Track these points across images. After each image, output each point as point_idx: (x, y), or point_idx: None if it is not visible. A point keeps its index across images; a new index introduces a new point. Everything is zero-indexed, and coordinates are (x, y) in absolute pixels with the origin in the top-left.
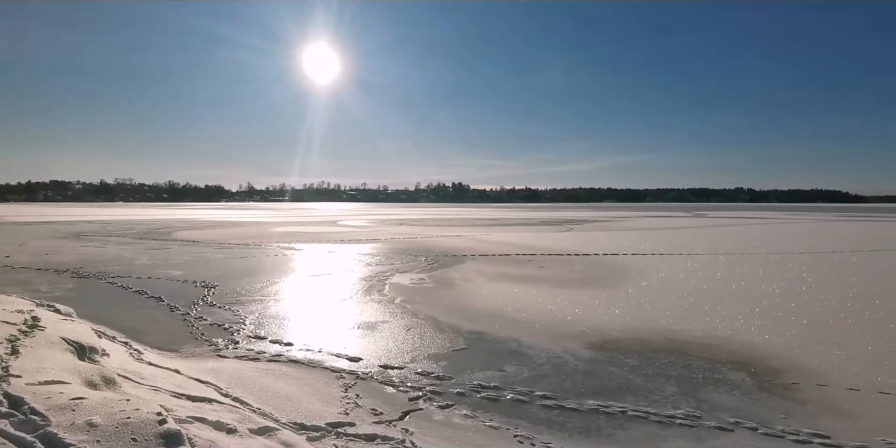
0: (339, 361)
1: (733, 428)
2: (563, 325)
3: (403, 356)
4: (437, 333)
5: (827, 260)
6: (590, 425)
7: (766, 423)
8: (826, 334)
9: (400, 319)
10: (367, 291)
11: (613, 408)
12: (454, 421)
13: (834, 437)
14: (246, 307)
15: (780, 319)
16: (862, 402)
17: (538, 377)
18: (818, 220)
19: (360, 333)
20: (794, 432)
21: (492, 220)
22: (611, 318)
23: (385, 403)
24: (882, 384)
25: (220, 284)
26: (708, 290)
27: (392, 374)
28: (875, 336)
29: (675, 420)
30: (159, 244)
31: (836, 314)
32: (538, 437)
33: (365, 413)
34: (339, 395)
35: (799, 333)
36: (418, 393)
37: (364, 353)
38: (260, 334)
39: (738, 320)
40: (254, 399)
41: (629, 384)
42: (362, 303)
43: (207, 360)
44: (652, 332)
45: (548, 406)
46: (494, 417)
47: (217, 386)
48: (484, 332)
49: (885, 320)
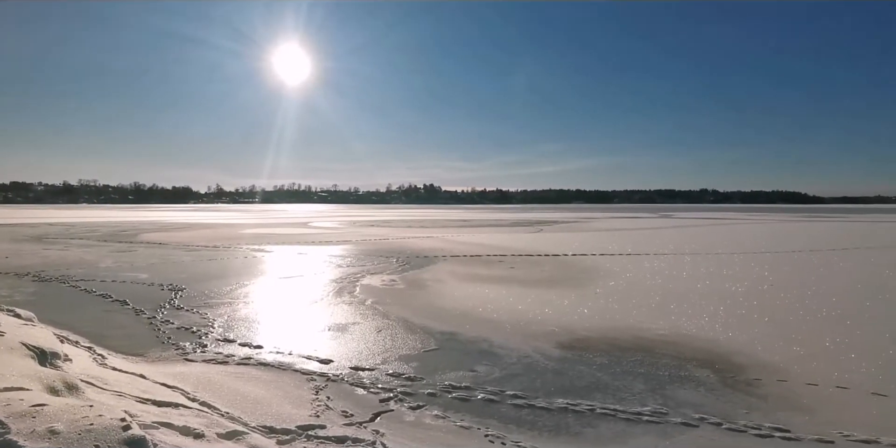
0: (310, 364)
1: (698, 423)
2: (534, 325)
3: (374, 357)
4: (409, 334)
5: (787, 259)
6: (559, 424)
7: (730, 419)
8: (786, 331)
9: (371, 321)
10: (338, 293)
11: (582, 406)
12: (425, 421)
13: (793, 431)
14: (214, 310)
15: (743, 317)
16: (820, 396)
17: (509, 377)
18: (779, 221)
19: (331, 335)
20: (756, 427)
21: (463, 221)
22: (580, 317)
23: (356, 405)
24: (838, 379)
25: (188, 287)
26: (674, 290)
27: (363, 376)
28: (832, 333)
29: (643, 417)
30: (124, 246)
31: (796, 312)
32: (509, 436)
33: (336, 415)
34: (309, 397)
35: (761, 331)
36: (389, 394)
37: (335, 354)
38: (229, 337)
39: (703, 318)
40: (222, 403)
41: (598, 382)
42: (333, 304)
43: (174, 364)
44: (620, 330)
45: (518, 405)
46: (465, 417)
47: (184, 390)
48: (455, 333)
49: (841, 317)
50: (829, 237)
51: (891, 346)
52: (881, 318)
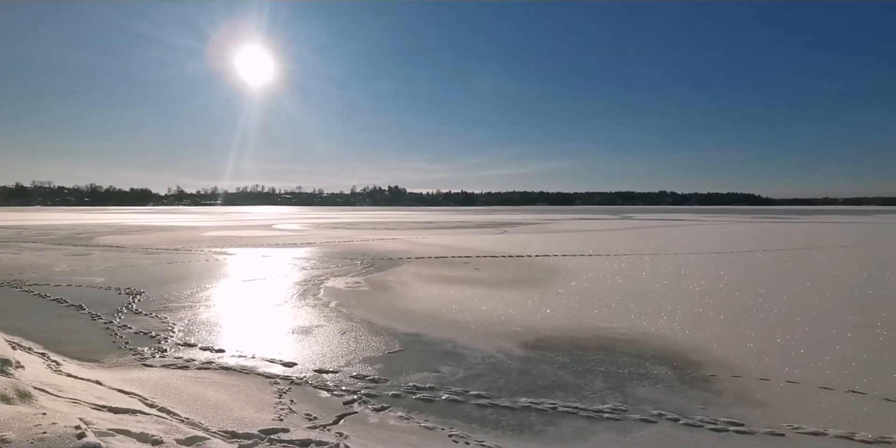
0: (273, 367)
1: (657, 420)
2: (498, 326)
3: (338, 360)
4: (373, 336)
5: (741, 259)
6: (522, 422)
7: (687, 414)
8: (740, 329)
9: (335, 323)
10: (302, 296)
11: (545, 404)
12: (389, 423)
13: (747, 425)
14: (174, 314)
15: (700, 316)
16: (772, 391)
17: (473, 377)
18: (733, 222)
19: (295, 338)
20: (711, 421)
21: (428, 222)
22: (543, 317)
23: (320, 408)
24: (789, 374)
25: (147, 291)
26: (633, 289)
27: (327, 379)
28: (783, 329)
29: (603, 414)
30: (80, 250)
31: (749, 310)
32: (472, 435)
33: (299, 418)
34: (272, 401)
35: (716, 328)
36: (353, 396)
37: (299, 357)
38: (189, 341)
39: (661, 317)
40: (182, 408)
41: (560, 381)
42: (297, 307)
43: (132, 369)
44: (581, 330)
45: (482, 405)
46: (429, 418)
47: (142, 396)
48: (420, 334)
49: (791, 314)
50: (779, 238)
51: (837, 341)
52: (828, 314)
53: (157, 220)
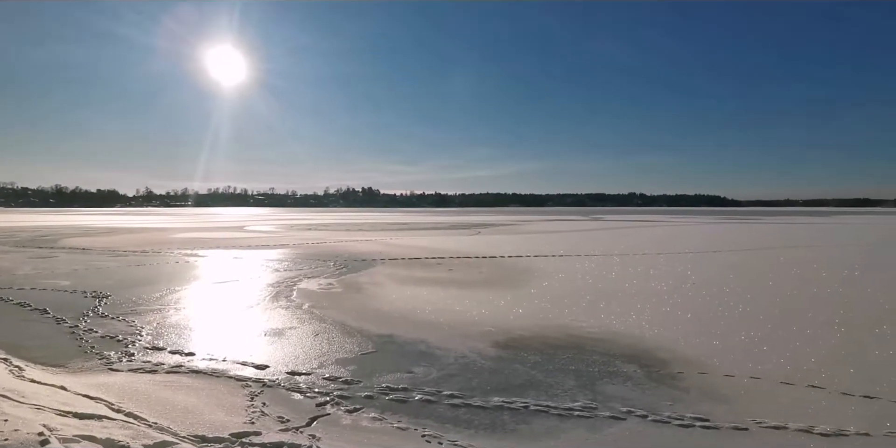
0: (245, 370)
1: (626, 417)
2: (471, 326)
3: (311, 362)
4: (346, 338)
5: (707, 259)
6: (495, 421)
7: (655, 411)
8: (706, 327)
9: (308, 325)
10: (275, 298)
11: (517, 403)
12: (362, 424)
13: (713, 420)
14: (142, 317)
15: (667, 314)
16: (736, 387)
17: (446, 377)
18: (700, 223)
19: (267, 340)
20: (679, 417)
21: (402, 224)
22: (515, 317)
23: (292, 410)
24: (752, 370)
25: (114, 294)
26: (603, 289)
27: (300, 381)
28: (746, 327)
29: (574, 412)
30: (45, 252)
31: (715, 308)
32: (445, 435)
33: (271, 421)
34: (244, 404)
35: (683, 327)
36: (326, 398)
37: (271, 360)
38: (158, 345)
39: (631, 316)
40: (150, 413)
41: (532, 380)
42: (269, 309)
43: (98, 374)
44: (553, 329)
45: (455, 405)
46: (402, 419)
47: (108, 401)
48: (393, 335)
49: (754, 312)
50: (744, 238)
51: (797, 338)
52: (789, 312)
53: (125, 221)
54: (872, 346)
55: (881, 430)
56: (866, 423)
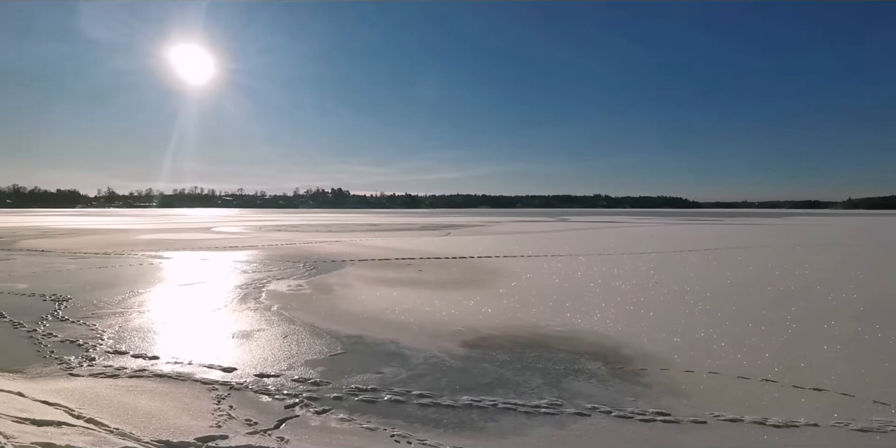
0: (212, 373)
1: (590, 413)
2: (440, 326)
3: (280, 364)
4: (315, 339)
5: (669, 259)
6: (464, 420)
7: (619, 407)
8: (668, 324)
9: (277, 327)
10: (243, 299)
11: (485, 402)
12: (331, 425)
13: (673, 414)
14: (104, 321)
15: (631, 313)
16: (696, 382)
17: (415, 377)
18: (663, 224)
19: (235, 343)
20: (641, 413)
21: (372, 225)
22: (484, 317)
23: (260, 413)
24: (711, 365)
25: (74, 297)
26: (570, 288)
27: (268, 383)
28: (705, 324)
29: (540, 409)
30: (1, 255)
31: (676, 306)
32: (414, 435)
33: (238, 424)
34: (210, 407)
35: (646, 324)
36: (295, 400)
37: (238, 362)
38: (120, 349)
39: (596, 315)
40: (111, 419)
41: (500, 378)
42: (237, 311)
43: (57, 379)
44: (521, 328)
45: (424, 404)
46: (371, 419)
47: (68, 407)
48: (363, 336)
49: (713, 310)
50: (704, 239)
51: (753, 334)
52: (745, 309)
53: (87, 222)
54: (821, 341)
55: (829, 421)
56: (815, 414)
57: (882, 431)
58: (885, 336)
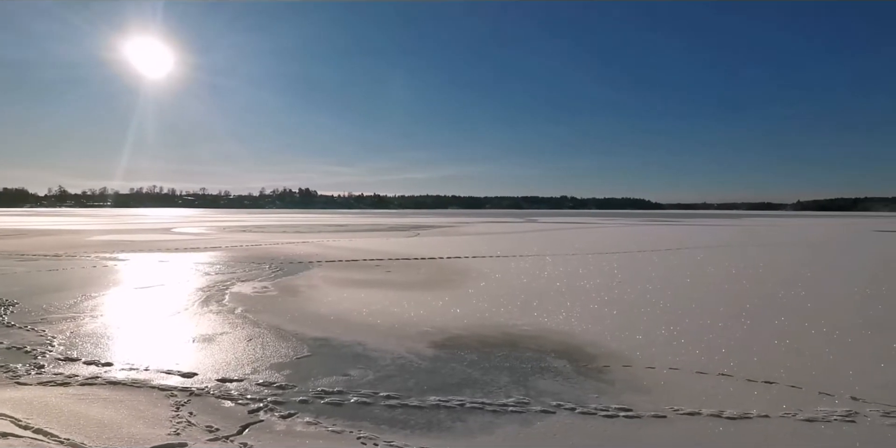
0: (170, 379)
1: (556, 410)
2: (408, 327)
3: (244, 368)
4: (281, 342)
5: (632, 258)
6: (431, 420)
7: (583, 403)
8: (631, 322)
9: (241, 330)
10: (205, 302)
11: (453, 401)
12: (296, 429)
13: (635, 410)
14: (54, 326)
15: (596, 311)
16: (656, 377)
17: (383, 378)
18: (627, 225)
19: (196, 347)
20: (604, 409)
21: (340, 225)
22: (453, 317)
23: (222, 418)
24: (671, 361)
25: (22, 302)
26: (537, 288)
27: (231, 388)
28: (667, 321)
29: (508, 408)
30: None
31: (639, 305)
32: (381, 436)
33: (199, 431)
34: (168, 414)
35: (610, 322)
36: (259, 404)
37: (199, 367)
38: (71, 355)
39: (562, 314)
40: (61, 429)
41: (468, 378)
42: (198, 315)
43: (3, 389)
44: (489, 328)
45: (391, 406)
46: (338, 422)
47: (14, 417)
48: (329, 338)
49: (674, 307)
50: (666, 239)
51: (711, 330)
52: (704, 307)
53: (36, 223)
54: (772, 336)
55: (778, 412)
56: (766, 406)
57: (826, 421)
58: (830, 330)
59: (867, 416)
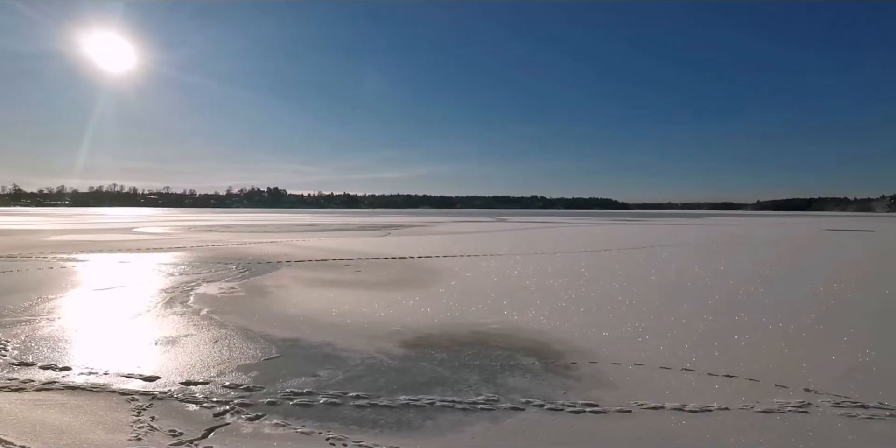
0: (131, 382)
1: (525, 407)
2: (378, 326)
3: (209, 370)
4: (248, 343)
5: (600, 257)
6: (401, 420)
7: (551, 400)
8: (597, 319)
9: (206, 332)
10: (169, 304)
11: (423, 400)
12: (264, 431)
13: (601, 405)
14: (8, 330)
15: (563, 309)
16: (622, 373)
17: (352, 378)
18: (595, 224)
19: (159, 350)
20: (571, 404)
21: (309, 225)
22: (423, 316)
23: (186, 422)
24: (636, 357)
25: None
26: (507, 287)
27: (195, 391)
28: (632, 318)
29: (477, 406)
30: None
31: (605, 302)
32: (350, 437)
33: (162, 436)
34: (129, 419)
35: (577, 320)
36: (225, 407)
37: (162, 370)
38: (27, 360)
39: (531, 312)
40: (16, 436)
41: (438, 377)
42: (162, 316)
43: None
44: (459, 327)
45: (361, 406)
46: (307, 423)
47: None
48: (298, 339)
49: (639, 304)
50: (632, 237)
51: (674, 326)
52: (668, 304)
53: None
54: (733, 330)
55: (738, 405)
56: (726, 399)
57: (781, 412)
58: (785, 325)
59: (819, 406)
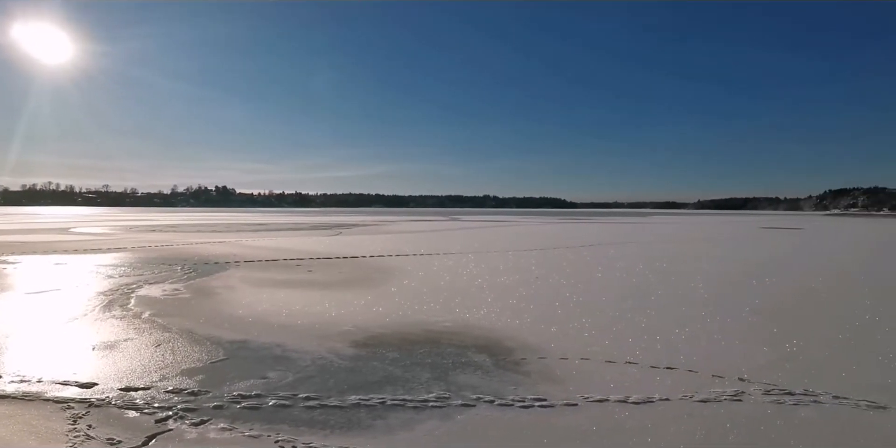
0: (67, 390)
1: (475, 403)
2: (329, 326)
3: (151, 375)
4: (193, 346)
5: (549, 255)
6: (351, 420)
7: (501, 396)
8: (547, 316)
9: (148, 335)
10: (107, 307)
11: (374, 400)
12: (209, 436)
13: (549, 399)
14: None
15: (514, 306)
16: (569, 368)
17: (302, 379)
18: (544, 223)
19: (97, 355)
20: (521, 399)
21: (259, 224)
22: (375, 315)
23: (125, 430)
24: (583, 352)
25: None
26: (459, 285)
27: (136, 397)
28: (579, 314)
29: (429, 403)
30: None
31: (554, 300)
32: (299, 438)
33: (99, 444)
34: (65, 428)
35: (527, 317)
36: (168, 413)
37: (100, 377)
38: None
39: (483, 309)
40: None
41: (389, 376)
42: (99, 320)
43: None
44: (411, 325)
45: (311, 407)
46: (255, 426)
47: None
48: (247, 341)
49: (586, 301)
50: (580, 236)
51: (618, 322)
52: (612, 300)
53: None
54: (674, 324)
55: (678, 395)
56: (667, 390)
57: (717, 401)
58: (723, 318)
59: (751, 394)
